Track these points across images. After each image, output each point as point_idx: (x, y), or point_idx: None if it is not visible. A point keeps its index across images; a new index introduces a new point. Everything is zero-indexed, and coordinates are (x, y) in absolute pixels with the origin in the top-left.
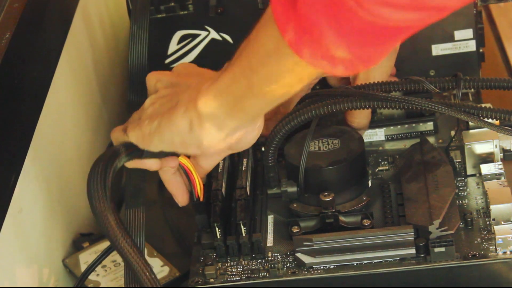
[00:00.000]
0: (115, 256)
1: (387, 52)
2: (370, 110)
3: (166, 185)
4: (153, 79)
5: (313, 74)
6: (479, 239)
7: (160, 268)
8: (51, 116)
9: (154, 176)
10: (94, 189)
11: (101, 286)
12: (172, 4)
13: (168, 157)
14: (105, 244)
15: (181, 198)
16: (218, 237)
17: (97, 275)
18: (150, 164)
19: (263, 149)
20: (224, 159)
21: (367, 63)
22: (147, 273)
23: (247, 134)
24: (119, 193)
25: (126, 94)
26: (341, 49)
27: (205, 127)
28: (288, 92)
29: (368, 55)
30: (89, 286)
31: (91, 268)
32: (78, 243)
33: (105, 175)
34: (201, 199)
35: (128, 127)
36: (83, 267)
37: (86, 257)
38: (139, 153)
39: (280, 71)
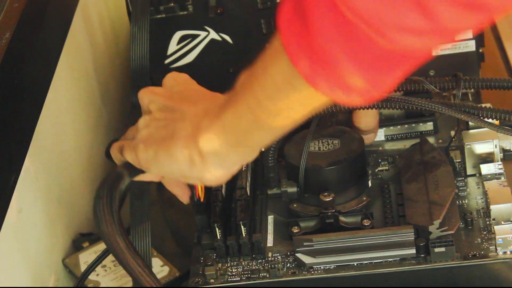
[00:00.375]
0: None
1: (401, 78)
2: (375, 110)
3: (167, 186)
4: (146, 99)
5: (325, 103)
6: (479, 239)
7: (160, 268)
8: (51, 116)
9: None
10: (102, 214)
11: (101, 286)
12: (172, 4)
13: None
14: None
15: (184, 196)
16: (218, 237)
17: (97, 275)
18: (152, 177)
19: (262, 149)
20: None
21: (382, 91)
22: None
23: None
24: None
25: (126, 94)
26: (357, 77)
27: (207, 163)
28: (297, 122)
29: (383, 83)
30: (89, 286)
31: (91, 268)
32: (78, 243)
33: (111, 200)
34: (202, 199)
35: (123, 147)
36: (83, 267)
37: (86, 257)
38: (141, 170)
39: (291, 104)
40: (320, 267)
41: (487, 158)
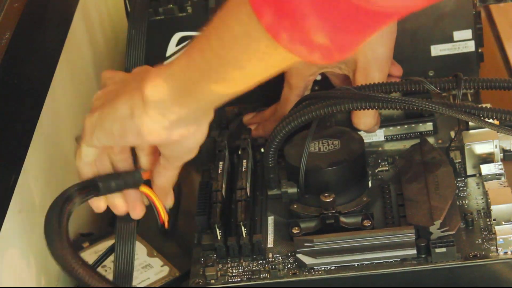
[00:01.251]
0: None
1: (364, 41)
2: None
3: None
4: (106, 76)
5: (283, 62)
6: (480, 240)
7: (160, 268)
8: (51, 116)
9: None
10: (52, 236)
11: None
12: (171, 6)
13: (128, 191)
14: (105, 244)
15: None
16: (219, 238)
17: None
18: (113, 201)
19: (262, 150)
20: (224, 161)
21: (344, 52)
22: None
23: (190, 135)
24: None
25: None
26: (322, 34)
27: (147, 111)
28: (250, 82)
29: (346, 43)
30: None
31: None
32: (78, 243)
33: (59, 222)
34: (166, 226)
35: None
36: None
37: (86, 257)
38: (95, 190)
39: (247, 56)
40: (320, 268)
41: (487, 158)
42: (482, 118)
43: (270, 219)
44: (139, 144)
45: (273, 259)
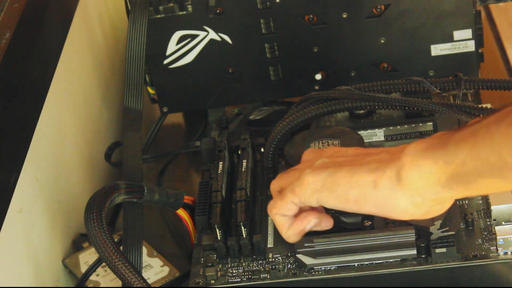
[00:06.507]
0: None
1: None
2: None
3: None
4: (328, 153)
5: None
6: (480, 240)
7: (160, 268)
8: (51, 116)
9: (152, 176)
10: (91, 221)
11: (101, 286)
12: (171, 4)
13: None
14: None
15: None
16: (219, 238)
17: (97, 275)
18: None
19: (262, 150)
20: (224, 161)
21: None
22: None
23: (432, 213)
24: None
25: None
26: None
27: (402, 187)
28: None
29: None
30: (89, 286)
31: (93, 268)
32: (78, 243)
33: (100, 207)
34: None
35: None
36: (83, 267)
37: (86, 257)
38: (139, 193)
39: None
40: (320, 268)
41: None
42: None
43: (270, 219)
44: (373, 213)
45: (273, 259)
